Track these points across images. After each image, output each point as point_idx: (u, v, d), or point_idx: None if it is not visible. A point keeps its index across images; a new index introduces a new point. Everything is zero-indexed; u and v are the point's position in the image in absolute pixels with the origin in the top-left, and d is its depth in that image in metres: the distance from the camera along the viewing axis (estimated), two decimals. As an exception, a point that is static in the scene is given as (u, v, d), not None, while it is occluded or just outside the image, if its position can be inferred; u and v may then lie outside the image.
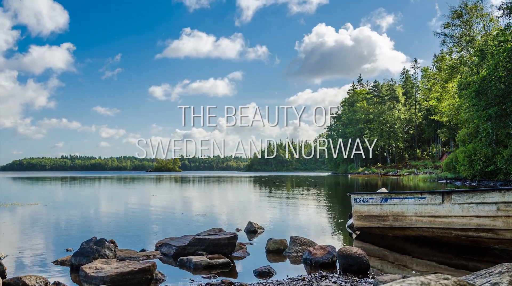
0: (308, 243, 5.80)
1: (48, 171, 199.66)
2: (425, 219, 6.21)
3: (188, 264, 4.98)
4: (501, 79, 25.39)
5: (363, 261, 4.56)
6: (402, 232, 6.73)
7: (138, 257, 5.40)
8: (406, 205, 6.44)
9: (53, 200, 16.20)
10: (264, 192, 22.32)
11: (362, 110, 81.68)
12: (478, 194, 5.58)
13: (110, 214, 11.40)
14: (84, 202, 15.88)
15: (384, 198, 6.84)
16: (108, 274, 3.73)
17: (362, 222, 7.29)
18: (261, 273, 4.59)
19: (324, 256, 4.94)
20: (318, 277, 4.37)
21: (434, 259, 5.50)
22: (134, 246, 6.46)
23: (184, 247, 5.55)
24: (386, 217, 6.79)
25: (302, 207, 13.67)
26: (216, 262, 4.97)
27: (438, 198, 6.01)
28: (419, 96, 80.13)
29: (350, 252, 4.60)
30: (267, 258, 5.56)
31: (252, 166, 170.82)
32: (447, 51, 46.22)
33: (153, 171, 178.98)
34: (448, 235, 6.06)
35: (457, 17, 40.96)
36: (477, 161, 31.23)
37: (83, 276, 3.94)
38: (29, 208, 12.60)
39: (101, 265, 4.04)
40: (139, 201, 16.18)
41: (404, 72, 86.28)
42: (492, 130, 28.26)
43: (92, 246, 4.99)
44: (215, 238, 5.54)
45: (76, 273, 4.75)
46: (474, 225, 5.65)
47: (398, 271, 4.79)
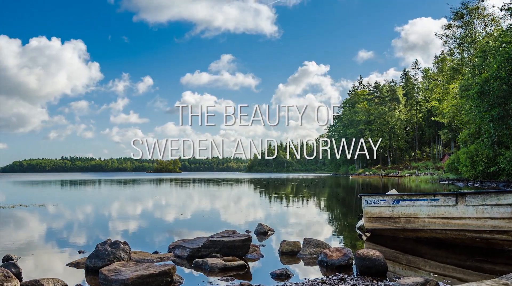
0: (322, 245, 5.78)
1: (49, 173, 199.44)
2: (438, 221, 6.19)
3: (203, 266, 4.96)
4: (503, 80, 25.41)
5: (381, 264, 4.54)
6: (414, 234, 6.71)
7: (152, 259, 5.39)
8: (418, 206, 6.43)
9: (57, 202, 16.17)
10: (268, 193, 22.29)
11: (363, 111, 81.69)
12: (492, 196, 5.57)
13: (116, 216, 11.38)
14: (89, 204, 15.86)
15: (396, 200, 6.82)
16: (129, 277, 3.70)
17: (373, 223, 7.28)
18: (279, 276, 4.57)
19: (341, 258, 4.92)
20: (336, 279, 4.35)
21: (449, 261, 5.48)
22: (146, 247, 6.44)
23: (198, 249, 5.54)
24: (398, 218, 6.78)
25: (308, 208, 13.66)
26: (232, 264, 4.96)
27: (452, 200, 6.00)
28: (419, 97, 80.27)
29: (368, 254, 4.59)
30: (281, 260, 5.54)
31: (253, 167, 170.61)
32: (447, 52, 46.33)
33: (153, 172, 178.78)
34: (461, 237, 6.04)
35: (458, 18, 41.05)
36: (479, 162, 31.23)
37: (103, 279, 3.92)
38: (34, 210, 12.58)
39: (120, 267, 4.02)
40: (143, 203, 16.15)
41: (405, 73, 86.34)
42: (494, 131, 28.27)
43: (107, 248, 4.97)
44: (229, 240, 5.52)
45: (92, 275, 4.73)
46: (489, 227, 5.64)
47: (416, 273, 4.76)
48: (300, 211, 12.42)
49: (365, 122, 79.90)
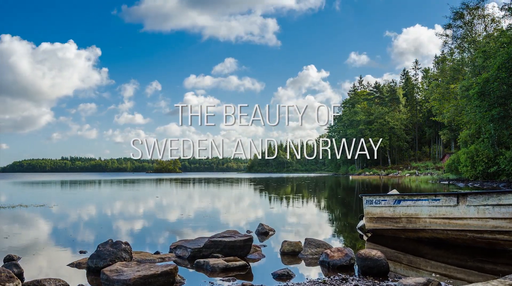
0: (323, 245, 5.78)
1: (49, 173, 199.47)
2: (439, 221, 6.19)
3: (205, 267, 4.96)
4: (503, 80, 25.40)
5: (382, 264, 4.54)
6: (415, 234, 6.71)
7: (154, 259, 5.38)
8: (420, 207, 6.42)
9: (58, 202, 16.17)
10: (269, 194, 22.29)
11: (363, 111, 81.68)
12: (494, 196, 5.57)
13: (117, 216, 11.38)
14: (89, 204, 15.85)
15: (397, 200, 6.82)
16: (131, 277, 3.70)
17: (374, 224, 7.27)
18: (280, 276, 4.57)
19: (342, 259, 4.92)
20: (338, 280, 4.35)
21: (450, 261, 5.48)
22: (146, 248, 6.44)
23: (200, 249, 5.53)
24: (399, 219, 6.77)
25: (309, 208, 13.66)
26: (233, 264, 4.95)
27: (453, 200, 6.00)
28: (420, 97, 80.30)
29: (370, 254, 4.58)
30: (282, 261, 5.54)
31: (252, 167, 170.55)
32: (448, 52, 46.31)
33: (153, 172, 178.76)
34: (463, 237, 6.04)
35: (458, 18, 41.02)
36: (479, 162, 31.23)
37: (105, 279, 3.91)
38: (35, 210, 12.57)
39: (122, 267, 4.01)
40: (143, 203, 16.15)
41: (405, 73, 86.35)
42: (494, 131, 28.27)
43: (108, 248, 4.97)
44: (230, 240, 5.52)
45: (93, 275, 4.73)
46: (490, 227, 5.63)
47: (418, 273, 4.76)
48: (300, 211, 12.42)
49: (365, 122, 79.88)
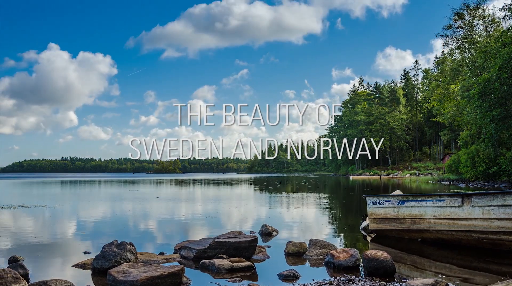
0: (328, 246, 5.78)
1: (49, 173, 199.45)
2: (444, 221, 6.18)
3: (210, 268, 4.95)
4: (504, 81, 25.42)
5: (389, 265, 4.53)
6: (419, 234, 6.70)
7: (159, 260, 5.38)
8: (424, 207, 6.42)
9: (59, 203, 16.16)
10: (270, 194, 22.28)
11: (363, 111, 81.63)
12: (499, 197, 5.56)
13: (119, 217, 11.37)
14: (90, 204, 15.85)
15: (401, 201, 6.81)
16: (138, 278, 3.69)
17: (378, 224, 7.27)
18: (286, 277, 4.56)
19: (348, 260, 4.91)
20: (344, 280, 4.34)
21: (455, 262, 5.48)
22: (150, 248, 6.44)
23: (204, 250, 5.53)
24: (403, 219, 6.77)
25: (311, 209, 13.66)
26: (239, 265, 4.95)
27: (458, 201, 5.99)
28: (420, 98, 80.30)
29: (376, 255, 4.58)
30: (287, 261, 5.53)
31: (253, 168, 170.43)
32: (448, 53, 46.33)
33: (154, 173, 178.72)
34: (467, 238, 6.03)
35: (458, 19, 41.04)
36: (480, 162, 31.24)
37: (111, 280, 3.91)
38: (36, 210, 12.57)
39: (129, 268, 4.01)
40: (145, 203, 16.13)
41: (405, 73, 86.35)
42: (495, 131, 28.28)
43: (113, 249, 4.96)
44: (235, 241, 5.52)
45: (99, 276, 4.73)
46: (495, 228, 5.63)
47: (423, 274, 4.76)
48: (302, 212, 12.42)
49: (365, 122, 79.83)
